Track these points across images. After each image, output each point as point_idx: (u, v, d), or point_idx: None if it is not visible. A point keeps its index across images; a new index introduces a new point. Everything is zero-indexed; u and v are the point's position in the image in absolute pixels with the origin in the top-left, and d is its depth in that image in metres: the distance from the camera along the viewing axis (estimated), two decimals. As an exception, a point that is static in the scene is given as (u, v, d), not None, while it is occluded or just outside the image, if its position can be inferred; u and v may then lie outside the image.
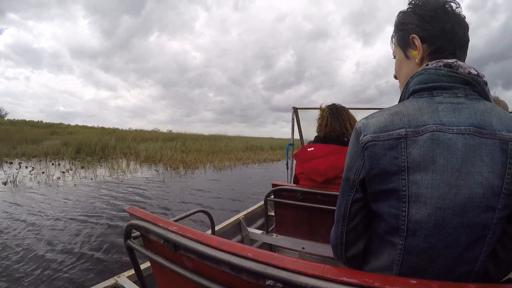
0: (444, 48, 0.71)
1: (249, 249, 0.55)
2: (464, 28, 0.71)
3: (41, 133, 19.11)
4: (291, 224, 1.98)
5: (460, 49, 0.71)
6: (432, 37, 0.71)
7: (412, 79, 0.70)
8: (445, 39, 0.70)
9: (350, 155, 0.70)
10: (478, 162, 0.58)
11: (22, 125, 20.42)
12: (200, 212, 1.38)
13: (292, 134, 3.39)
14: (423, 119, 0.62)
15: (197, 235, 0.62)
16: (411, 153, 0.60)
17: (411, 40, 0.74)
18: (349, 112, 1.75)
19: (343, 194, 0.72)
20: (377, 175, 0.64)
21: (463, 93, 0.64)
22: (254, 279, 0.52)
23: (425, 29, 0.72)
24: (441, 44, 0.71)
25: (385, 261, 0.66)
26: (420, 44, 0.72)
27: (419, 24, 0.73)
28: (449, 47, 0.70)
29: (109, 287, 1.40)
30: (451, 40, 0.70)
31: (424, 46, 0.72)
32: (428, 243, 0.60)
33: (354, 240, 0.73)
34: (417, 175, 0.60)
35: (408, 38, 0.75)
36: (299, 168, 1.81)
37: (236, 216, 2.54)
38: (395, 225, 0.63)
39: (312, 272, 0.47)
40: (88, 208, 5.17)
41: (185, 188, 7.43)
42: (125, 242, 0.79)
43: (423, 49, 0.73)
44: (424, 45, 0.72)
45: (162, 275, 0.85)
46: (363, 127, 0.68)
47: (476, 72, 0.65)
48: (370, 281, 0.45)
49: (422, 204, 0.59)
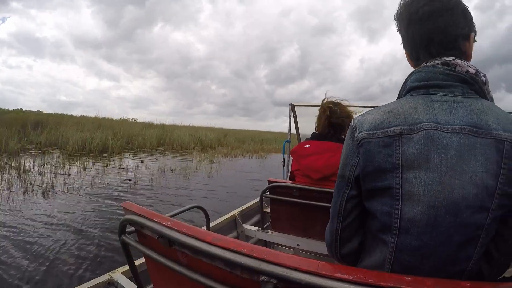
0: (417, 52, 0.73)
1: (244, 244, 0.54)
2: (435, 17, 0.68)
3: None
4: (286, 221, 1.98)
5: (436, 44, 0.69)
6: (406, 45, 0.76)
7: (410, 77, 0.70)
8: (413, 44, 0.73)
9: (345, 152, 0.71)
10: (473, 162, 0.58)
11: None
12: (195, 207, 1.37)
13: (289, 131, 3.39)
14: (418, 117, 0.62)
15: (192, 230, 0.62)
16: (405, 151, 0.60)
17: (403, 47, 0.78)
18: (348, 109, 1.74)
19: (338, 191, 0.72)
20: (372, 172, 0.64)
21: (460, 91, 0.64)
22: (249, 275, 0.52)
23: (401, 37, 0.76)
24: (412, 49, 0.74)
25: (377, 259, 0.67)
26: (406, 52, 0.77)
27: (402, 33, 0.76)
28: (419, 50, 0.72)
29: (103, 283, 1.40)
30: (420, 41, 0.71)
31: (406, 51, 0.77)
32: (420, 241, 0.60)
33: (349, 237, 0.74)
34: (411, 173, 0.60)
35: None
36: (295, 165, 1.80)
37: (232, 212, 2.53)
38: (388, 223, 0.63)
39: (306, 268, 0.47)
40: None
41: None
42: (120, 237, 0.78)
43: (406, 54, 0.77)
44: (406, 51, 0.77)
45: (156, 271, 0.84)
46: (358, 124, 0.68)
47: (475, 71, 0.65)
48: (365, 277, 0.45)
49: (415, 202, 0.59)
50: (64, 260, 2.93)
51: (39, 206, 4.56)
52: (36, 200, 4.83)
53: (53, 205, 4.66)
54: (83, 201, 4.96)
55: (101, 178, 6.86)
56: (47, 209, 4.40)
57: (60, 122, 14.96)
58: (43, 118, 16.17)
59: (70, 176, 6.83)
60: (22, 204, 4.58)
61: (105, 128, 14.94)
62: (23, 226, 3.69)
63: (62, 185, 5.82)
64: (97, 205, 4.80)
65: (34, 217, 4.04)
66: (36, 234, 3.49)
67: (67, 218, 4.06)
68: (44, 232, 3.55)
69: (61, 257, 2.98)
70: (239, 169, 10.23)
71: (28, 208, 4.41)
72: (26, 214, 4.11)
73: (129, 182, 6.61)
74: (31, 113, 20.00)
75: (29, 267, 2.73)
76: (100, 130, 13.85)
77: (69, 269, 2.78)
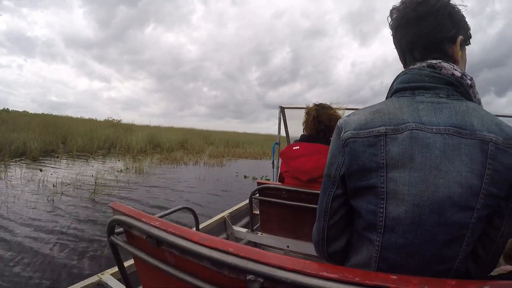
0: (403, 55, 0.75)
1: (231, 244, 0.55)
2: (415, 21, 0.70)
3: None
4: (275, 222, 1.99)
5: (419, 48, 0.71)
6: (397, 49, 0.77)
7: (397, 79, 0.72)
8: (400, 48, 0.75)
9: (332, 151, 0.72)
10: (457, 162, 0.59)
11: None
12: (184, 209, 1.37)
13: (279, 133, 3.40)
14: (403, 117, 0.63)
15: (179, 230, 0.62)
16: (390, 150, 0.61)
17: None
18: (336, 112, 1.76)
19: (324, 190, 0.73)
20: (356, 172, 0.65)
21: (445, 93, 0.65)
22: (236, 274, 0.53)
23: (393, 40, 0.78)
24: (400, 52, 0.76)
25: (364, 258, 0.67)
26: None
27: (392, 36, 0.78)
28: (405, 53, 0.74)
29: (92, 284, 1.38)
30: (405, 45, 0.73)
31: (400, 55, 0.77)
32: (405, 239, 0.61)
33: (336, 236, 0.74)
34: (395, 172, 0.61)
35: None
36: (284, 167, 1.81)
37: (221, 214, 2.53)
38: (373, 222, 0.64)
39: (292, 267, 0.47)
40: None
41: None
42: (108, 238, 0.77)
43: (400, 57, 0.78)
44: (400, 55, 0.77)
45: (145, 271, 0.84)
46: (344, 124, 0.69)
47: (460, 74, 0.66)
48: (350, 276, 0.45)
49: (399, 201, 0.60)
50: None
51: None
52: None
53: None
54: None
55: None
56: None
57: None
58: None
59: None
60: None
61: (54, 128, 13.09)
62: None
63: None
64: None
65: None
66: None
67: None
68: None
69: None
70: (162, 183, 7.21)
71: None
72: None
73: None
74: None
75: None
76: (39, 130, 12.02)
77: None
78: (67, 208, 4.73)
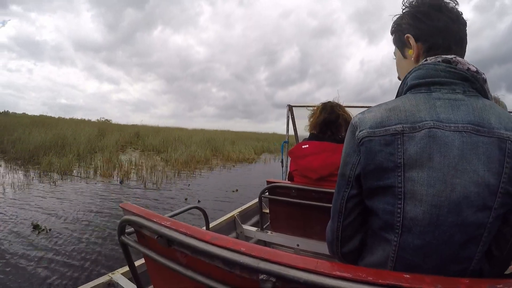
0: (439, 44, 0.70)
1: (242, 243, 0.54)
2: (460, 23, 0.70)
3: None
4: (285, 221, 1.98)
5: (456, 44, 0.71)
6: (425, 35, 0.72)
7: (410, 74, 0.70)
8: (439, 36, 0.70)
9: (346, 150, 0.70)
10: (475, 161, 0.58)
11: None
12: (194, 208, 1.37)
13: (287, 132, 3.39)
14: (420, 115, 0.61)
15: (190, 230, 0.62)
16: (407, 149, 0.60)
17: (406, 40, 0.75)
18: (345, 109, 1.75)
19: (339, 190, 0.72)
20: (373, 171, 0.64)
21: (461, 89, 0.64)
22: (248, 273, 0.52)
23: (418, 28, 0.72)
24: (435, 41, 0.71)
25: (380, 257, 0.66)
26: (415, 42, 0.73)
27: (412, 23, 0.73)
28: (443, 43, 0.70)
29: (103, 284, 1.39)
30: (445, 37, 0.70)
31: (419, 44, 0.73)
32: (422, 240, 0.60)
33: (350, 236, 0.73)
34: (413, 172, 0.60)
35: (403, 38, 0.75)
36: (293, 165, 1.81)
37: (231, 213, 2.53)
38: (390, 222, 0.63)
39: (305, 266, 0.47)
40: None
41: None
42: (119, 238, 0.78)
43: (417, 47, 0.73)
44: (419, 44, 0.73)
45: (156, 271, 0.84)
46: (359, 122, 0.67)
47: (475, 69, 0.65)
48: (364, 275, 0.44)
49: (417, 201, 0.59)
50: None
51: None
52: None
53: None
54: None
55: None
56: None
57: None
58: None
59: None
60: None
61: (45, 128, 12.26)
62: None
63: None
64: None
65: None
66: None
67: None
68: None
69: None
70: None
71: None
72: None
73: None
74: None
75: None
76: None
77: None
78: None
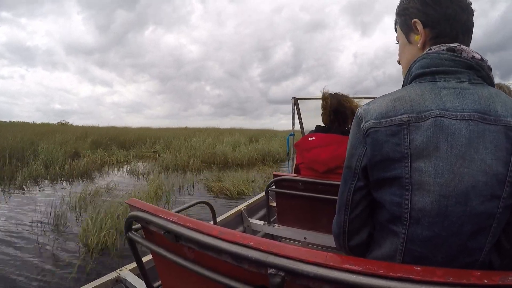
0: (446, 32, 0.69)
1: (250, 238, 0.54)
2: (468, 13, 0.69)
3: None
4: (292, 214, 1.98)
5: (463, 33, 0.69)
6: (434, 22, 0.70)
7: (415, 64, 0.69)
8: (447, 24, 0.69)
9: (352, 142, 0.69)
10: (482, 149, 0.57)
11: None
12: (201, 203, 1.37)
13: (293, 125, 3.38)
14: (426, 104, 0.60)
15: (197, 225, 0.61)
16: (414, 139, 0.59)
17: (413, 25, 0.73)
18: (352, 100, 1.74)
19: (345, 182, 0.71)
20: (380, 162, 0.63)
21: (466, 78, 0.63)
22: (256, 268, 0.52)
23: (427, 14, 0.71)
24: (443, 28, 0.69)
25: (388, 250, 0.65)
26: (422, 28, 0.71)
27: (421, 8, 0.71)
28: (451, 32, 0.69)
29: (111, 280, 1.41)
30: (454, 25, 0.68)
31: (426, 30, 0.71)
32: (431, 231, 0.59)
33: (357, 229, 0.72)
34: (420, 162, 0.59)
35: (410, 23, 0.73)
36: (299, 158, 1.80)
37: (238, 207, 2.54)
38: (398, 214, 0.62)
39: (314, 260, 0.46)
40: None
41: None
42: (126, 234, 0.78)
43: (425, 33, 0.71)
44: (426, 30, 0.71)
45: (164, 267, 0.85)
46: (365, 113, 0.67)
47: (480, 57, 0.64)
48: (374, 268, 0.44)
49: (425, 191, 0.58)
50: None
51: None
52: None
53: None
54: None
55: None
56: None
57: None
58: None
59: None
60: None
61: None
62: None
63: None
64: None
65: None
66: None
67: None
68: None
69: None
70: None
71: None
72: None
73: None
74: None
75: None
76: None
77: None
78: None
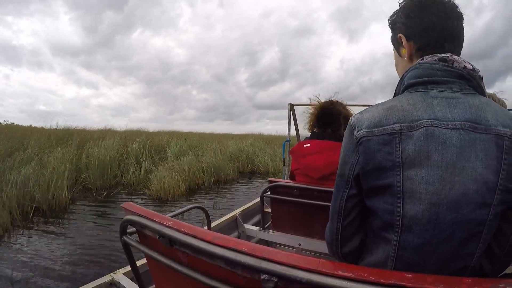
0: (430, 43, 0.70)
1: (244, 243, 0.54)
2: (454, 20, 0.70)
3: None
4: (287, 220, 1.98)
5: (450, 41, 0.70)
6: (415, 34, 0.72)
7: (407, 73, 0.70)
8: (431, 34, 0.70)
9: (344, 150, 0.70)
10: (473, 158, 0.58)
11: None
12: (196, 208, 1.37)
13: (289, 131, 3.38)
14: (417, 114, 0.61)
15: (192, 229, 0.62)
16: (405, 148, 0.60)
17: (399, 39, 0.75)
18: (345, 107, 1.74)
19: (338, 190, 0.72)
20: (372, 171, 0.64)
21: (458, 88, 0.64)
22: (249, 273, 0.52)
23: (409, 27, 0.73)
24: (427, 39, 0.71)
25: (380, 257, 0.66)
26: (406, 42, 0.73)
27: (405, 22, 0.73)
28: (435, 41, 0.70)
29: (105, 284, 1.40)
30: (438, 34, 0.70)
31: (410, 43, 0.73)
32: (422, 239, 0.60)
33: (350, 236, 0.73)
34: (412, 170, 0.59)
35: (397, 37, 0.76)
36: (295, 164, 1.80)
37: (233, 212, 2.53)
38: (390, 221, 0.62)
39: (307, 266, 0.47)
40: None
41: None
42: (121, 238, 0.78)
43: (409, 46, 0.73)
44: (410, 43, 0.73)
45: (158, 271, 0.84)
46: (357, 122, 0.67)
47: (472, 67, 0.65)
48: (365, 275, 0.44)
49: (416, 200, 0.59)
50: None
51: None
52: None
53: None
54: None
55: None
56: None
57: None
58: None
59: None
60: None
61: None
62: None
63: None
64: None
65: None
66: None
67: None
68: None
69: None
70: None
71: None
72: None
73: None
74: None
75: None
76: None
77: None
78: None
